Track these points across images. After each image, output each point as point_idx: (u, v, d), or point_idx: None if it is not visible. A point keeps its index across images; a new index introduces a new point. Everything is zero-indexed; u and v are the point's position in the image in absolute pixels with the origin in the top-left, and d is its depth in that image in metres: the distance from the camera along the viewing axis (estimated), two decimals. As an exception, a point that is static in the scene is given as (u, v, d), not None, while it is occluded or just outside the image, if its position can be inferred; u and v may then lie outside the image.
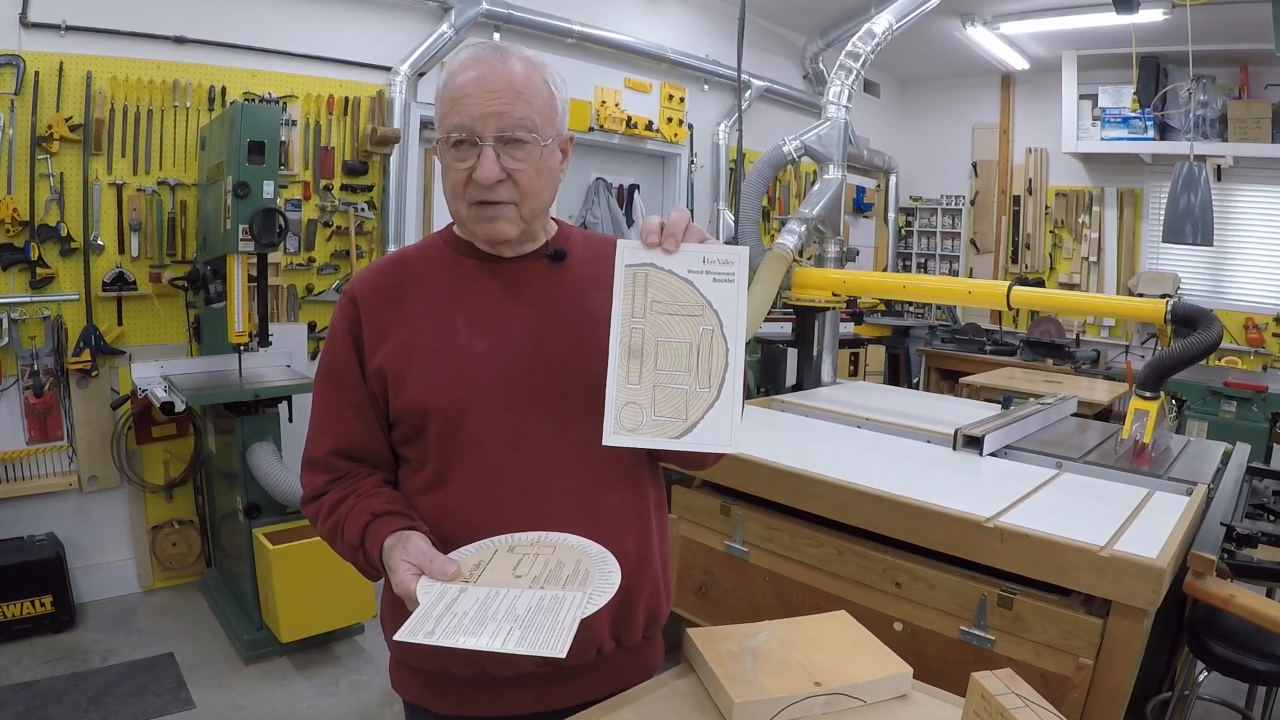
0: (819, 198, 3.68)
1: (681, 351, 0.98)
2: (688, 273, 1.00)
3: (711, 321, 0.98)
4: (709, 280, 1.00)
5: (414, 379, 1.17)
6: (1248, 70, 6.02)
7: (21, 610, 3.17)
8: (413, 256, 1.27)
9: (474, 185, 1.14)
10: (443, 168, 1.17)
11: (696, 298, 1.00)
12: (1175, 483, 2.20)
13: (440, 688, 1.24)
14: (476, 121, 1.11)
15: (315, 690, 3.00)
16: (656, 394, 1.00)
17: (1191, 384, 4.61)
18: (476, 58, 1.14)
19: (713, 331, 0.98)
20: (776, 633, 1.27)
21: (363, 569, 1.17)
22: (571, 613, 0.93)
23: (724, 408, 0.99)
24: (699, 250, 1.02)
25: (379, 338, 1.19)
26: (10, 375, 3.32)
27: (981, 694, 0.97)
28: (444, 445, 1.17)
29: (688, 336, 0.99)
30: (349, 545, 1.15)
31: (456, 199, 1.17)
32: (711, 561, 2.36)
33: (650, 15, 5.54)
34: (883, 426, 2.76)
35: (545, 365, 1.19)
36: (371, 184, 4.24)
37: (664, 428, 0.99)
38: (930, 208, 8.09)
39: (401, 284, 1.23)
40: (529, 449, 1.17)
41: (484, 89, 1.12)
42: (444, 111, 1.14)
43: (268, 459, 3.17)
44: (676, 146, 5.81)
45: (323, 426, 1.23)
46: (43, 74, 3.25)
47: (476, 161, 1.12)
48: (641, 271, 1.01)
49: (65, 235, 3.35)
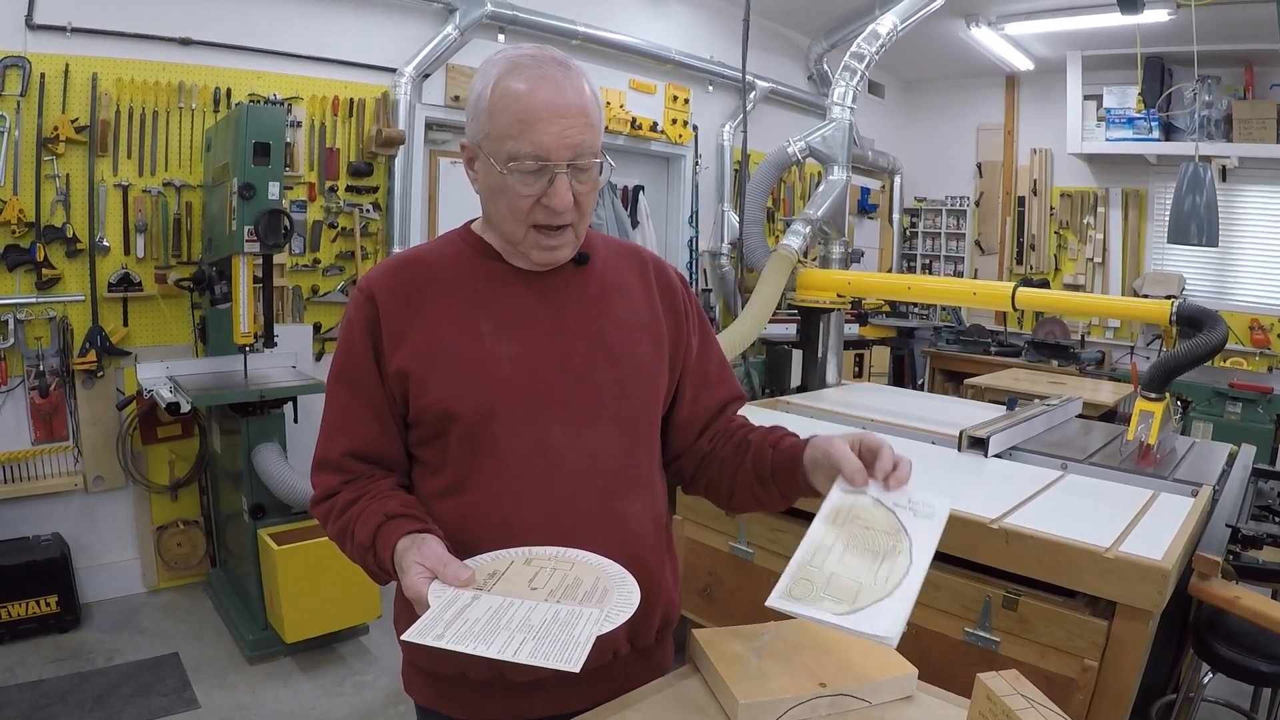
0: (824, 199, 3.68)
1: (867, 559, 1.02)
2: (894, 505, 1.07)
3: (903, 543, 1.03)
4: (910, 514, 1.06)
5: (437, 382, 1.14)
6: (1253, 70, 6.00)
7: (27, 610, 3.18)
8: (429, 256, 1.23)
9: (542, 210, 1.11)
10: (497, 188, 1.12)
11: (895, 524, 1.06)
12: (1180, 484, 2.19)
13: (455, 692, 1.23)
14: (552, 151, 1.08)
15: (320, 691, 3.01)
16: (832, 580, 1.03)
17: (1197, 385, 4.60)
18: (542, 75, 1.09)
19: (901, 550, 1.02)
20: (782, 634, 1.27)
21: (371, 571, 1.15)
22: (588, 629, 0.92)
23: (893, 604, 1.01)
24: (908, 492, 1.09)
25: (398, 338, 1.16)
26: (16, 376, 3.33)
27: (987, 695, 0.97)
28: (466, 450, 1.15)
29: (877, 547, 1.03)
30: (359, 546, 1.13)
31: (516, 222, 1.13)
32: (716, 563, 2.36)
33: (655, 16, 5.54)
34: (887, 428, 2.76)
35: (569, 371, 1.18)
36: (376, 185, 4.25)
37: (829, 606, 1.01)
38: (935, 209, 8.09)
39: (420, 283, 1.19)
40: (552, 456, 1.16)
41: (555, 113, 1.08)
42: (509, 131, 1.08)
43: (273, 459, 3.18)
44: (681, 148, 5.82)
45: (337, 428, 1.20)
46: (48, 76, 3.26)
47: (549, 188, 1.10)
48: (852, 494, 1.09)
49: (71, 236, 3.36)
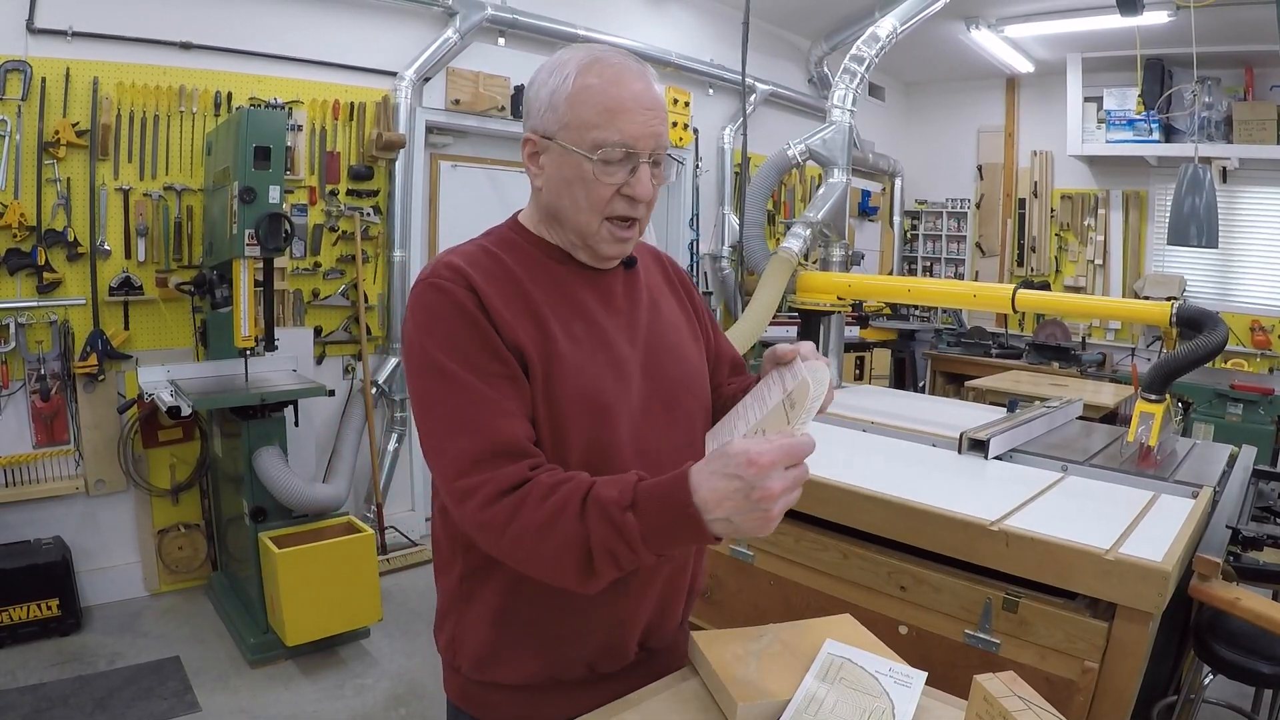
0: (824, 201, 3.68)
1: (856, 714, 1.11)
2: (875, 672, 1.19)
3: (884, 704, 1.13)
4: (892, 681, 1.18)
5: (557, 382, 1.10)
6: (1253, 72, 6.00)
7: (28, 613, 3.18)
8: (498, 250, 1.17)
9: (623, 201, 1.13)
10: (575, 178, 1.11)
11: (879, 688, 1.16)
12: (1181, 485, 2.19)
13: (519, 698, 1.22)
14: (639, 140, 1.10)
15: (321, 693, 3.01)
16: None
17: (1198, 386, 4.60)
18: (626, 68, 1.12)
19: (885, 710, 1.12)
20: (780, 636, 1.27)
21: (610, 547, 0.95)
22: None
23: None
24: (888, 662, 1.22)
25: (509, 328, 1.09)
26: (17, 379, 3.34)
27: (984, 696, 0.97)
28: (580, 454, 1.11)
29: (865, 705, 1.12)
30: (605, 506, 0.95)
31: (594, 213, 1.13)
32: (717, 565, 2.35)
33: (655, 20, 5.55)
34: (888, 430, 2.76)
35: (649, 373, 1.21)
36: (377, 189, 4.25)
37: None
38: (935, 211, 8.09)
39: (505, 277, 1.13)
40: (650, 455, 1.17)
41: (642, 105, 1.10)
42: (596, 120, 1.09)
43: (274, 463, 3.18)
44: (681, 151, 5.82)
45: (497, 413, 1.05)
46: (49, 80, 3.27)
47: (632, 178, 1.11)
48: (839, 660, 1.21)
49: (72, 240, 3.37)
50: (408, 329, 1.12)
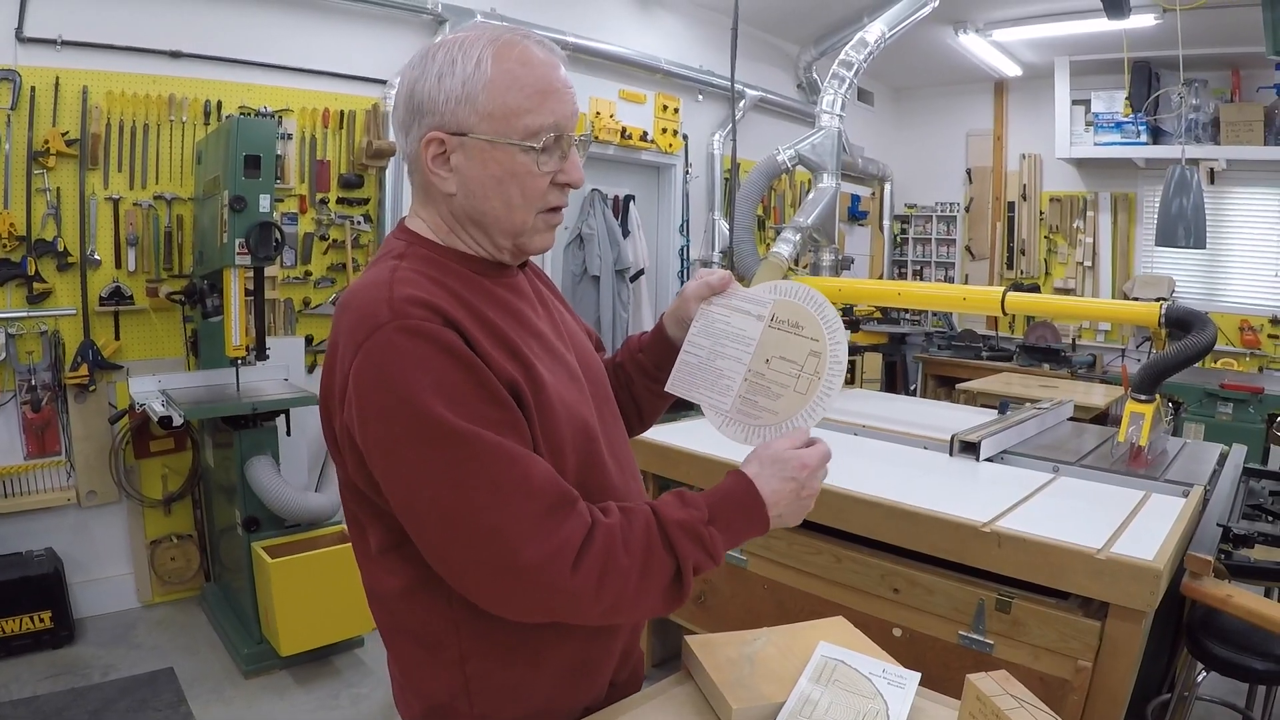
0: (814, 206, 3.70)
1: (850, 714, 1.12)
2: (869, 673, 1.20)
3: (878, 705, 1.13)
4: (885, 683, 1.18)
5: (548, 411, 1.00)
6: (1239, 73, 6.05)
7: (21, 626, 3.16)
8: (438, 275, 1.00)
9: (556, 191, 1.03)
10: (505, 174, 0.99)
11: (872, 689, 1.17)
12: (1172, 485, 2.21)
13: None
14: (569, 121, 1.01)
15: (315, 703, 3.00)
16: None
17: (1188, 386, 4.63)
18: (540, 43, 1.01)
19: (879, 711, 1.12)
20: (774, 639, 1.27)
21: (696, 562, 1.00)
22: None
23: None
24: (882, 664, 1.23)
25: (499, 366, 0.96)
26: (8, 390, 3.32)
27: (977, 696, 0.98)
28: (576, 472, 1.03)
29: (858, 707, 1.13)
30: (683, 537, 0.98)
31: (529, 209, 1.02)
32: (710, 570, 2.36)
33: (644, 26, 5.57)
34: (880, 433, 2.77)
35: (589, 376, 1.15)
36: (368, 197, 4.25)
37: None
38: (925, 215, 8.12)
39: (465, 303, 0.99)
40: (618, 456, 1.14)
41: (565, 83, 1.01)
42: (526, 106, 0.97)
43: (266, 472, 3.17)
44: (671, 157, 5.83)
45: (529, 463, 0.93)
46: (39, 89, 3.26)
47: (564, 164, 1.02)
48: (833, 662, 1.22)
49: (62, 250, 3.36)
50: (377, 391, 0.90)
